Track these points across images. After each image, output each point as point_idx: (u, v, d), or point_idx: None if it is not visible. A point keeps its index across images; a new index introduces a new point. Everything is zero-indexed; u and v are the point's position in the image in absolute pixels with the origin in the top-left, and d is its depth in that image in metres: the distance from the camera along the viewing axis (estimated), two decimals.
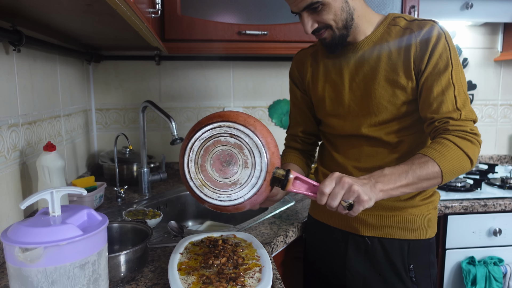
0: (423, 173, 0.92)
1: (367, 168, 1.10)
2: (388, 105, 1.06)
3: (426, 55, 1.01)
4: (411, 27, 1.05)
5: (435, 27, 1.03)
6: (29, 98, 1.23)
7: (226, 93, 2.06)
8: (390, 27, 1.08)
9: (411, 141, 1.08)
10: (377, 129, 1.09)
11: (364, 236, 1.13)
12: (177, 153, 2.07)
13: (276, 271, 0.97)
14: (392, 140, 1.08)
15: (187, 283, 0.83)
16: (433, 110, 1.00)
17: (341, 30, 1.05)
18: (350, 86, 1.11)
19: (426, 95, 1.01)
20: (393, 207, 1.11)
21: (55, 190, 0.64)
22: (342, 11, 1.03)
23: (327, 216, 1.21)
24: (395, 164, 0.98)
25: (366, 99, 1.08)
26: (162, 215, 1.31)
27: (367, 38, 1.09)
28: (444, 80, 0.99)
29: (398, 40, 1.06)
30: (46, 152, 1.15)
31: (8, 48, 1.10)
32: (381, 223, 1.12)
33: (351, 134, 1.13)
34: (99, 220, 0.67)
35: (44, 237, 0.59)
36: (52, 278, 0.59)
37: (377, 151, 1.10)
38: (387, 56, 1.06)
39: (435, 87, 1.00)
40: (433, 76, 1.00)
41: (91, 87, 1.97)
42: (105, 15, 1.02)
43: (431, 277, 1.15)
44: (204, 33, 1.63)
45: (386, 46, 1.07)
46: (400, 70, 1.04)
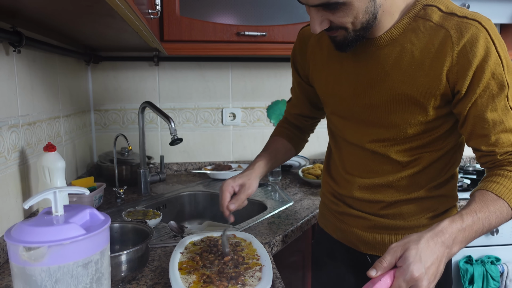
0: (498, 223, 0.79)
1: (371, 186, 0.98)
2: (400, 122, 0.89)
3: (469, 72, 0.80)
4: (448, 26, 0.81)
5: (481, 32, 0.79)
6: (28, 99, 1.24)
7: (225, 94, 2.07)
8: (418, 20, 0.84)
9: (426, 161, 0.93)
10: (383, 146, 0.94)
11: (365, 254, 1.03)
12: (176, 154, 2.08)
13: (276, 270, 0.97)
14: (402, 159, 0.93)
15: (188, 282, 0.84)
16: (492, 143, 0.83)
17: (358, 31, 0.84)
18: (356, 89, 0.94)
19: (477, 124, 0.83)
20: (396, 226, 0.98)
21: (58, 190, 0.64)
22: (366, 13, 0.80)
23: (331, 227, 1.13)
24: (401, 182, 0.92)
25: (373, 109, 0.92)
26: (162, 215, 1.32)
27: (384, 34, 0.87)
28: (500, 105, 0.81)
29: (427, 44, 0.83)
30: (46, 153, 1.16)
31: (8, 49, 1.11)
32: (381, 242, 1.00)
33: (356, 143, 0.99)
34: (101, 220, 0.68)
35: (48, 236, 0.59)
36: (56, 277, 0.60)
37: (383, 169, 0.96)
38: (407, 63, 0.85)
39: (489, 114, 0.81)
40: (484, 100, 0.81)
41: (90, 88, 1.97)
42: (105, 16, 1.02)
43: None
44: (202, 34, 1.63)
45: (409, 50, 0.85)
46: (421, 84, 0.84)
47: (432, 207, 0.96)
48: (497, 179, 0.80)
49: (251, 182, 1.04)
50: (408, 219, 0.97)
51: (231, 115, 2.09)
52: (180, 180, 1.92)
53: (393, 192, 0.96)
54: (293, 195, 1.66)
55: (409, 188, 0.95)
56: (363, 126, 0.96)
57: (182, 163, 2.08)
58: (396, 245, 0.70)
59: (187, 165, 2.08)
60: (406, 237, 0.71)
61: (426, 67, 0.83)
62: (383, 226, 0.99)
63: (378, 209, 0.99)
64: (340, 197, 1.07)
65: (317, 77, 1.05)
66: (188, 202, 1.73)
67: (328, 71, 1.00)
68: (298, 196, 1.65)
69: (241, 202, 1.01)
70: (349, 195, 1.03)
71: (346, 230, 1.06)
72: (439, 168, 0.94)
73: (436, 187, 0.95)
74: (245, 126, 2.11)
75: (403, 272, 0.66)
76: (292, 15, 1.69)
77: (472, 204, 0.77)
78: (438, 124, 0.89)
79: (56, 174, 1.15)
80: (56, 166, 1.15)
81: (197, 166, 2.08)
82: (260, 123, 2.12)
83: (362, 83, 0.93)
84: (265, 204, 1.54)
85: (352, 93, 0.95)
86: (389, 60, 0.87)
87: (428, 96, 0.85)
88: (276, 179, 1.89)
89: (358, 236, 1.03)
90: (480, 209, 0.76)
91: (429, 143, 0.92)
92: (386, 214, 0.98)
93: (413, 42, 0.84)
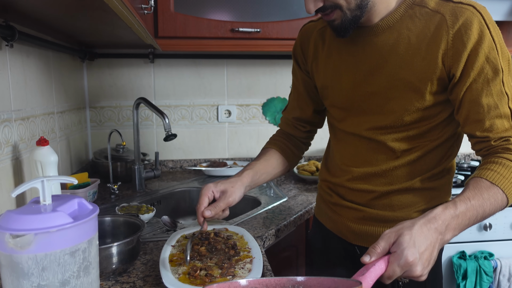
0: (492, 211, 0.78)
1: (364, 175, 0.98)
2: (398, 109, 0.90)
3: (463, 55, 0.81)
4: (443, 11, 0.83)
5: (476, 17, 0.80)
6: (22, 94, 1.24)
7: (220, 91, 2.07)
8: (414, 7, 0.86)
9: (422, 150, 0.93)
10: (381, 133, 0.94)
11: (353, 245, 1.04)
12: (171, 151, 2.08)
13: (267, 263, 0.98)
14: (398, 147, 0.93)
15: (178, 273, 0.84)
16: (486, 129, 0.83)
17: (353, 11, 0.84)
18: (356, 78, 0.94)
19: (472, 109, 0.83)
20: (385, 218, 0.98)
21: (46, 179, 0.65)
22: None
23: (325, 218, 1.14)
24: (394, 172, 0.93)
25: (373, 97, 0.93)
26: (155, 210, 1.32)
27: (382, 21, 0.88)
28: (495, 89, 0.81)
29: (423, 30, 0.84)
30: (39, 147, 1.16)
31: (1, 43, 1.11)
32: (369, 233, 1.00)
33: (354, 133, 0.99)
34: (89, 209, 0.68)
35: (35, 224, 0.60)
36: (43, 265, 0.60)
37: (378, 158, 0.96)
38: (404, 49, 0.86)
39: (484, 99, 0.82)
40: (479, 85, 0.81)
41: (85, 85, 1.98)
42: (97, 10, 1.03)
43: None
44: (197, 31, 1.64)
45: (406, 36, 0.86)
46: (418, 69, 0.85)
47: (424, 200, 0.96)
48: (492, 166, 0.80)
49: (234, 190, 0.98)
50: (398, 211, 0.97)
51: (226, 112, 2.09)
52: (175, 177, 1.92)
53: (385, 182, 0.97)
54: (288, 191, 1.67)
55: (402, 178, 0.95)
56: (362, 115, 0.96)
57: (178, 160, 2.08)
58: (390, 231, 0.70)
59: (182, 162, 2.08)
60: (399, 224, 0.72)
61: (423, 52, 0.84)
62: (373, 217, 0.99)
63: (369, 199, 0.99)
64: (334, 187, 1.08)
65: (317, 70, 1.05)
66: (183, 199, 1.74)
67: (328, 63, 1.01)
68: (293, 192, 1.65)
69: (218, 210, 0.94)
70: (342, 184, 1.04)
71: (337, 221, 1.07)
72: (435, 159, 0.94)
73: (430, 178, 0.95)
74: (240, 123, 2.12)
75: (397, 257, 0.67)
76: (286, 12, 1.69)
77: (466, 192, 0.77)
78: (436, 112, 0.89)
79: (49, 168, 1.15)
80: (48, 160, 1.15)
81: (193, 163, 2.09)
82: (255, 120, 2.12)
83: (361, 71, 0.93)
84: (259, 200, 1.54)
85: (352, 82, 0.96)
86: (387, 46, 0.89)
87: (425, 80, 0.86)
88: None
89: (348, 227, 1.04)
90: (474, 196, 0.76)
91: (426, 132, 0.92)
92: (376, 205, 0.99)
93: (409, 28, 0.86)
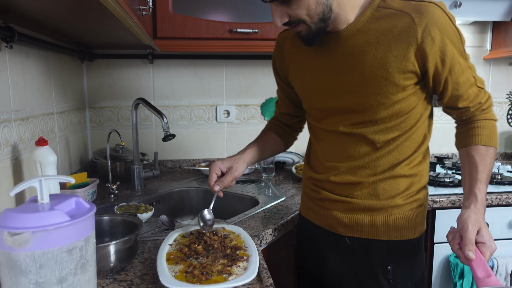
0: (492, 166, 0.98)
1: (349, 169, 1.05)
2: (374, 104, 0.97)
3: (436, 48, 0.91)
4: (408, 10, 0.91)
5: (438, 11, 0.90)
6: (21, 95, 1.25)
7: (219, 91, 2.09)
8: (379, 10, 0.94)
9: (400, 139, 1.01)
10: (360, 127, 1.01)
11: (344, 236, 1.08)
12: (170, 151, 2.09)
13: (263, 261, 0.99)
14: (378, 139, 1.01)
15: (174, 271, 0.85)
16: (465, 99, 0.99)
17: (317, 24, 0.92)
18: (331, 80, 1.01)
19: (454, 88, 0.97)
20: (372, 207, 1.04)
21: (43, 178, 0.66)
22: (318, 4, 0.90)
23: (312, 214, 1.18)
24: (376, 162, 1.02)
25: (349, 95, 1.00)
26: (153, 209, 1.33)
27: (350, 26, 0.96)
28: (464, 66, 0.96)
29: (391, 28, 0.92)
30: (38, 147, 1.17)
31: (0, 44, 1.12)
32: (359, 223, 1.05)
33: (334, 130, 1.06)
34: (87, 208, 0.69)
35: (32, 222, 0.61)
36: (40, 262, 0.61)
37: (360, 151, 1.03)
38: (374, 48, 0.93)
39: (461, 78, 0.96)
40: (456, 67, 0.94)
41: (85, 85, 1.99)
42: (96, 12, 1.04)
43: (413, 279, 1.08)
44: (195, 31, 1.65)
45: (374, 35, 0.93)
46: (390, 65, 0.93)
47: (406, 186, 1.04)
48: (479, 131, 1.00)
49: (238, 165, 1.12)
50: (384, 200, 1.04)
51: (225, 112, 2.10)
52: (174, 177, 1.93)
53: (369, 173, 1.04)
54: (286, 191, 1.68)
55: (384, 168, 1.03)
56: (341, 114, 1.03)
57: (177, 160, 2.09)
58: (472, 227, 0.84)
59: (181, 162, 2.10)
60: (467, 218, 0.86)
61: (393, 49, 0.92)
62: (361, 207, 1.05)
63: (356, 190, 1.05)
64: (320, 184, 1.13)
65: (295, 76, 1.12)
66: (182, 198, 1.75)
67: (305, 68, 1.08)
68: (291, 192, 1.66)
69: (226, 184, 1.09)
70: (328, 180, 1.09)
71: (326, 215, 1.12)
72: (412, 147, 1.03)
73: (409, 165, 1.04)
74: (239, 123, 2.13)
75: (490, 247, 0.83)
76: None
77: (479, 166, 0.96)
78: (409, 102, 0.98)
79: (48, 168, 1.16)
80: (47, 160, 1.16)
81: (191, 163, 2.10)
82: (254, 120, 2.13)
83: (336, 72, 1.01)
84: (257, 200, 1.55)
85: (328, 84, 1.03)
86: (358, 47, 0.96)
87: (399, 75, 0.94)
88: (269, 176, 1.90)
89: (337, 219, 1.09)
90: (484, 169, 0.95)
91: (402, 122, 1.00)
92: (363, 195, 1.05)
93: (377, 29, 0.94)
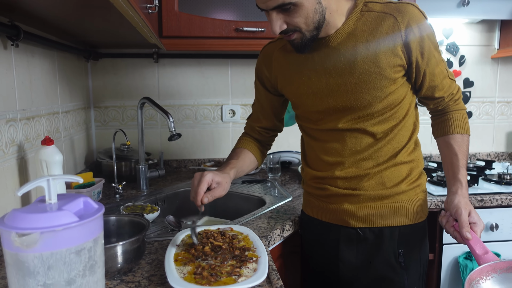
0: (468, 151, 1.12)
1: (354, 162, 1.11)
2: (370, 99, 1.04)
3: (416, 42, 1.01)
4: (390, 11, 1.01)
5: (416, 9, 1.02)
6: (27, 94, 1.24)
7: (224, 90, 2.07)
8: (363, 14, 1.03)
9: (396, 129, 1.10)
10: (359, 122, 1.08)
11: (355, 228, 1.13)
12: (175, 151, 2.08)
13: (272, 263, 0.97)
14: (377, 131, 1.08)
15: (183, 273, 0.84)
16: (440, 90, 1.10)
17: (311, 32, 0.99)
18: (327, 82, 1.07)
19: (430, 79, 1.07)
20: (380, 196, 1.11)
21: (51, 178, 0.64)
22: (315, 13, 0.96)
23: (318, 212, 1.21)
24: (378, 153, 1.09)
25: (346, 95, 1.06)
26: (159, 209, 1.32)
27: (339, 30, 1.03)
28: (439, 59, 1.06)
29: (377, 28, 1.01)
30: (44, 146, 1.16)
31: (6, 43, 1.11)
32: (370, 213, 1.12)
33: (333, 128, 1.11)
34: (95, 208, 0.68)
35: (40, 222, 0.59)
36: (49, 264, 0.60)
37: (361, 144, 1.10)
38: (365, 47, 1.02)
39: (436, 69, 1.06)
40: (432, 60, 1.05)
41: (90, 85, 1.98)
42: (101, 9, 1.03)
43: (421, 261, 1.16)
44: (201, 30, 1.64)
45: (363, 36, 1.02)
46: (381, 61, 1.01)
47: (407, 172, 1.13)
48: (454, 121, 1.12)
49: (227, 184, 1.11)
50: (390, 187, 1.11)
51: (230, 111, 2.09)
52: (180, 177, 1.92)
53: (373, 164, 1.10)
54: (292, 191, 1.66)
55: (386, 156, 1.10)
56: (339, 112, 1.09)
57: (182, 160, 2.08)
58: (464, 211, 0.98)
59: (186, 161, 2.08)
60: (458, 203, 1.00)
61: (382, 47, 1.01)
62: (369, 197, 1.11)
63: (363, 182, 1.11)
64: (324, 181, 1.16)
65: (287, 84, 1.16)
66: (187, 198, 1.73)
67: (297, 75, 1.12)
68: (297, 193, 1.65)
69: (213, 199, 1.06)
70: (334, 176, 1.13)
71: (336, 210, 1.15)
72: (406, 134, 1.12)
73: (407, 152, 1.13)
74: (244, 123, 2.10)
75: (480, 226, 0.98)
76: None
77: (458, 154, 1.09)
78: (399, 93, 1.07)
79: (54, 167, 1.15)
80: (53, 159, 1.15)
81: (197, 163, 2.09)
82: None
83: (331, 75, 1.06)
84: (264, 200, 1.54)
85: (325, 86, 1.08)
86: (349, 49, 1.03)
87: (390, 69, 1.02)
88: (275, 176, 1.89)
89: (348, 212, 1.13)
90: (463, 156, 1.09)
91: (395, 112, 1.08)
92: (370, 185, 1.11)
93: (364, 30, 1.02)
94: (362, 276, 1.14)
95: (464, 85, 2.24)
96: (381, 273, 1.13)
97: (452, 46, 2.19)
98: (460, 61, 2.21)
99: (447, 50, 2.20)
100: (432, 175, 1.80)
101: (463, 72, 2.23)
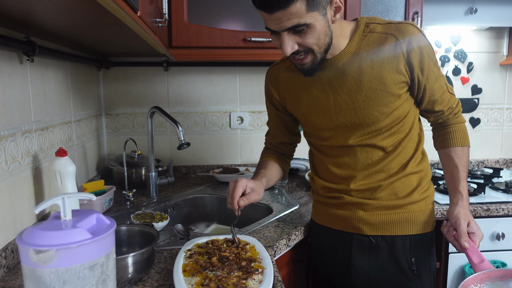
0: (468, 162, 1.17)
1: (367, 175, 1.16)
2: (378, 115, 1.09)
3: (418, 60, 1.06)
4: (391, 32, 1.06)
5: (415, 28, 1.07)
6: (41, 105, 1.28)
7: (233, 98, 2.10)
8: (366, 34, 1.08)
9: (404, 141, 1.15)
10: (369, 138, 1.13)
11: (368, 235, 1.17)
12: (184, 157, 2.11)
13: (278, 274, 1.00)
14: (387, 145, 1.13)
15: (191, 284, 0.87)
16: (440, 104, 1.15)
17: (322, 54, 1.04)
18: (335, 101, 1.12)
19: (430, 93, 1.12)
20: (394, 205, 1.16)
21: (66, 196, 0.68)
22: (326, 36, 1.00)
23: (330, 220, 1.24)
24: (389, 165, 1.13)
25: (355, 112, 1.10)
26: (169, 218, 1.35)
27: (344, 51, 1.08)
28: (438, 74, 1.12)
29: (380, 48, 1.06)
30: (58, 158, 1.20)
31: (22, 58, 1.15)
32: (383, 221, 1.16)
33: (343, 145, 1.16)
34: (107, 224, 0.71)
35: (56, 240, 0.63)
36: (64, 279, 0.63)
37: (372, 158, 1.15)
38: (369, 67, 1.07)
39: (435, 85, 1.12)
40: (431, 76, 1.10)
41: (101, 93, 2.03)
42: (114, 26, 1.06)
43: (431, 269, 1.21)
44: (210, 41, 1.67)
45: (367, 56, 1.07)
46: (386, 78, 1.06)
47: (418, 182, 1.18)
48: (454, 135, 1.17)
49: (260, 191, 1.17)
50: (402, 197, 1.16)
51: (238, 119, 2.12)
52: (189, 183, 1.96)
53: (385, 176, 1.15)
54: (299, 199, 1.68)
55: (397, 168, 1.15)
56: (348, 130, 1.14)
57: (191, 166, 2.12)
58: (463, 221, 1.06)
59: (195, 168, 2.12)
60: (458, 214, 1.08)
61: (386, 65, 1.06)
62: (383, 206, 1.16)
63: (376, 193, 1.16)
64: (339, 191, 1.20)
65: (295, 103, 1.20)
66: (196, 205, 1.77)
67: (305, 95, 1.16)
68: (304, 200, 1.67)
69: (249, 203, 1.11)
70: (347, 188, 1.18)
71: (349, 217, 1.19)
72: (413, 146, 1.17)
73: (416, 163, 1.18)
74: (252, 129, 2.14)
75: (479, 236, 1.06)
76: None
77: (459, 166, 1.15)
78: (404, 108, 1.12)
79: (67, 178, 1.19)
80: (67, 170, 1.19)
81: (206, 169, 2.12)
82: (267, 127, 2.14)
83: (339, 93, 1.11)
84: (271, 207, 1.56)
85: (333, 104, 1.13)
86: (355, 68, 1.08)
87: (395, 86, 1.07)
88: (282, 183, 1.91)
89: (362, 219, 1.17)
90: (463, 168, 1.15)
91: (402, 126, 1.13)
92: (383, 196, 1.15)
93: (368, 50, 1.07)
94: (374, 283, 1.18)
95: (472, 92, 2.24)
96: (395, 280, 1.17)
97: (460, 53, 2.19)
98: (468, 68, 2.21)
99: (455, 57, 2.20)
100: (439, 183, 1.81)
101: (471, 79, 2.23)
